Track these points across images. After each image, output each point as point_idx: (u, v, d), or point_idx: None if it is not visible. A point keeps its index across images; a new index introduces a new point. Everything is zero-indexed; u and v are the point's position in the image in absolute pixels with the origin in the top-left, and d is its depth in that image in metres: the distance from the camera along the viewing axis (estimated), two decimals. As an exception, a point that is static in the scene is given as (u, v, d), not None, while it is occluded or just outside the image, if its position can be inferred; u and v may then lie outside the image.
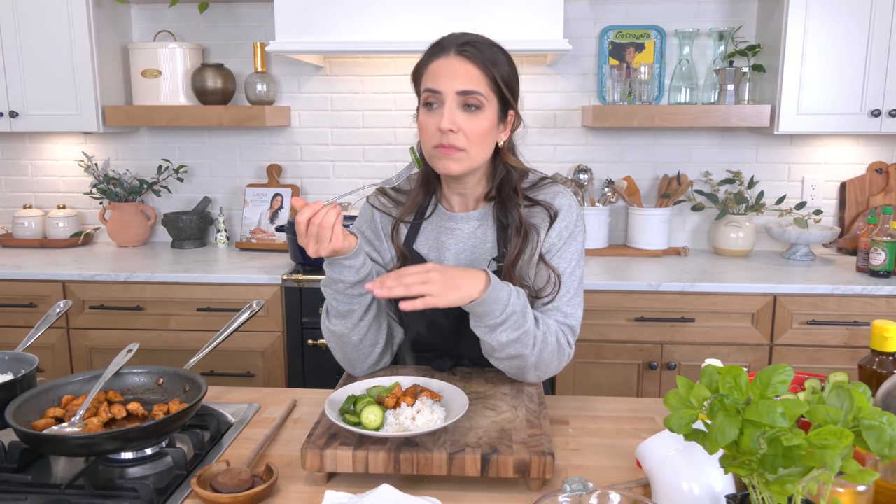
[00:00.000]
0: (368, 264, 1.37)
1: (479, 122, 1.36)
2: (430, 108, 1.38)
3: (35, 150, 3.26)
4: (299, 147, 3.17)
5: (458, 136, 1.35)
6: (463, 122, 1.35)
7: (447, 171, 1.39)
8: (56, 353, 2.70)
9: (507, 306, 1.29)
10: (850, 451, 0.79)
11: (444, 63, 1.36)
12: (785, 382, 0.81)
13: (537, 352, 1.35)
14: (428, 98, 1.38)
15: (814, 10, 2.59)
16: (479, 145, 1.38)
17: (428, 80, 1.38)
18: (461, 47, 1.36)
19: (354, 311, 1.38)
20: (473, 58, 1.35)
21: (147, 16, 3.13)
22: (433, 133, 1.37)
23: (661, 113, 2.72)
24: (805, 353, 2.51)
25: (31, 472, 1.21)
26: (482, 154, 1.40)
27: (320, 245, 1.25)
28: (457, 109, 1.35)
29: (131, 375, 1.40)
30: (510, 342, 1.32)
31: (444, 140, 1.35)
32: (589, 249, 2.94)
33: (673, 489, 0.98)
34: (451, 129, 1.34)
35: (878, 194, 2.96)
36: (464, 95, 1.34)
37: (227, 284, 2.62)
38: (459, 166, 1.38)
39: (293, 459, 1.24)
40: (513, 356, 1.34)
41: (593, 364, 2.57)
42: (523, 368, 1.37)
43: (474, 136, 1.36)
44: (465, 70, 1.35)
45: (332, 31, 2.61)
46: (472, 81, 1.35)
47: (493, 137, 1.41)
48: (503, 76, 1.38)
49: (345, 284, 1.35)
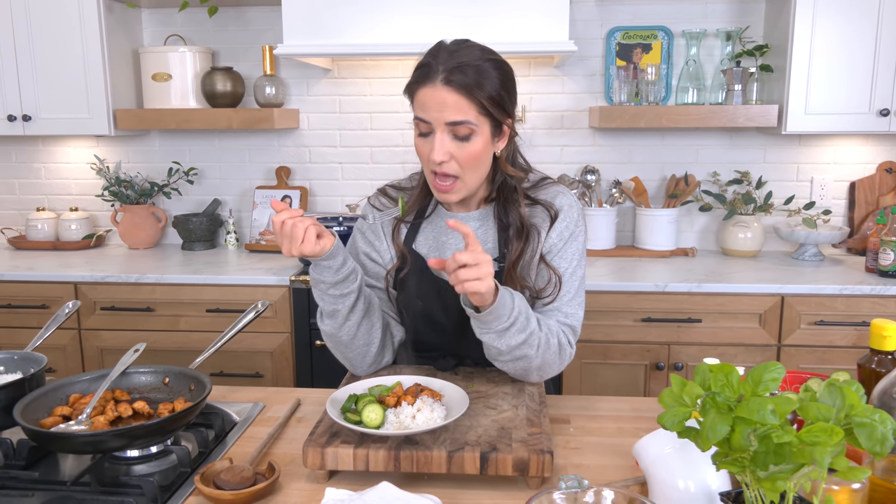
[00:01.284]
0: (349, 265, 1.38)
1: (471, 147, 1.35)
2: (423, 135, 1.39)
3: (48, 153, 3.30)
4: (308, 149, 3.20)
5: (450, 164, 1.36)
6: (454, 149, 1.35)
7: (447, 202, 1.43)
8: (68, 353, 2.74)
9: (513, 309, 1.30)
10: (843, 449, 0.79)
11: (431, 93, 1.33)
12: (776, 380, 0.81)
13: (541, 353, 1.36)
14: (419, 127, 1.39)
15: (821, 9, 2.58)
16: (472, 169, 1.38)
17: (417, 108, 1.38)
18: (447, 76, 1.31)
19: (339, 311, 1.40)
20: (459, 87, 1.31)
21: (158, 20, 3.17)
22: (427, 161, 1.39)
23: (669, 113, 2.72)
24: (813, 354, 2.50)
25: (38, 469, 1.23)
26: (477, 175, 1.41)
27: (292, 245, 1.29)
28: (448, 140, 1.35)
29: (138, 375, 1.42)
30: (519, 345, 1.33)
31: (437, 169, 1.37)
32: (596, 250, 2.95)
33: (669, 487, 0.99)
34: (443, 160, 1.35)
35: (888, 194, 2.94)
36: (453, 126, 1.34)
37: (235, 286, 2.65)
38: (457, 196, 1.41)
39: (296, 457, 1.26)
40: (519, 357, 1.35)
41: (600, 365, 2.57)
42: (527, 369, 1.39)
43: (467, 162, 1.36)
44: (453, 101, 1.32)
45: (339, 33, 2.62)
46: (460, 111, 1.32)
47: (488, 155, 1.41)
48: (492, 96, 1.34)
49: (326, 284, 1.37)
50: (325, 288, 1.38)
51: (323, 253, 1.33)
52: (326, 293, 1.39)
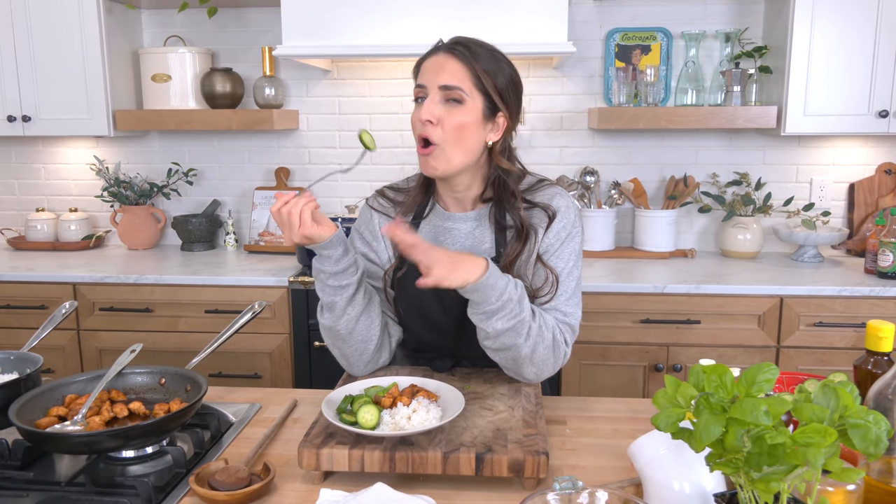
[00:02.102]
0: (350, 257, 1.39)
1: (458, 115, 1.38)
2: (417, 102, 1.42)
3: (47, 153, 3.31)
4: (307, 150, 3.20)
5: (435, 129, 1.38)
6: (442, 114, 1.38)
7: (429, 173, 1.43)
8: (67, 354, 2.74)
9: (503, 294, 1.30)
10: (837, 450, 0.79)
11: (433, 60, 1.41)
12: (770, 381, 0.81)
13: (531, 343, 1.35)
14: (416, 93, 1.42)
15: (820, 10, 2.58)
16: (456, 140, 1.39)
17: (418, 77, 1.43)
18: (452, 46, 1.41)
19: (336, 303, 1.40)
20: (460, 55, 1.39)
21: (157, 21, 3.17)
22: (416, 126, 1.41)
23: (668, 115, 2.72)
24: (812, 355, 2.49)
25: (33, 469, 1.23)
26: (460, 150, 1.40)
27: (291, 231, 1.31)
28: (438, 102, 1.39)
29: (134, 375, 1.42)
30: (505, 331, 1.32)
31: (422, 131, 1.39)
32: (595, 251, 2.95)
33: (663, 488, 0.99)
34: (429, 120, 1.37)
35: (888, 195, 2.94)
36: (445, 90, 1.38)
37: (234, 287, 2.65)
38: (438, 164, 1.41)
39: (291, 458, 1.26)
40: (507, 346, 1.35)
41: (599, 366, 2.57)
42: (518, 360, 1.37)
43: (450, 129, 1.38)
44: (450, 66, 1.38)
45: (339, 34, 2.63)
46: (454, 77, 1.38)
47: (477, 135, 1.41)
48: (492, 77, 1.40)
49: (325, 274, 1.38)
50: (325, 278, 1.39)
51: (321, 239, 1.34)
52: (326, 283, 1.40)
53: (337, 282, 1.39)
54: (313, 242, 1.34)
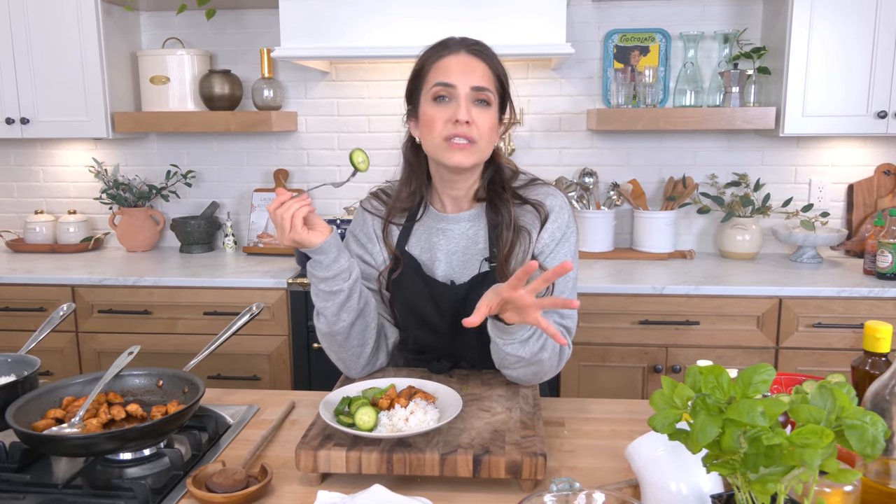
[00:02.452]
0: (342, 264, 1.38)
1: (489, 116, 1.40)
2: (441, 101, 1.40)
3: (46, 156, 3.31)
4: (306, 152, 3.20)
5: (472, 129, 1.38)
6: (476, 115, 1.39)
7: (459, 164, 1.40)
8: (65, 356, 2.74)
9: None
10: (834, 451, 0.79)
11: (456, 59, 1.40)
12: (766, 382, 0.81)
13: (551, 355, 1.36)
14: (440, 92, 1.40)
15: (819, 11, 2.58)
16: (488, 139, 1.41)
17: (440, 75, 1.40)
18: (471, 46, 1.42)
19: (328, 308, 1.40)
20: (484, 57, 1.42)
21: (156, 23, 3.17)
22: (443, 125, 1.39)
23: (666, 116, 2.72)
24: (811, 356, 2.49)
25: (31, 471, 1.22)
26: (489, 149, 1.44)
27: (283, 234, 1.31)
28: (471, 103, 1.39)
29: (132, 377, 1.42)
30: (539, 350, 1.33)
31: (458, 130, 1.37)
32: (594, 252, 2.95)
33: (661, 489, 0.98)
34: (467, 122, 1.37)
35: (886, 196, 2.94)
36: (477, 91, 1.39)
37: (233, 288, 2.65)
38: (471, 159, 1.40)
39: (289, 460, 1.25)
40: (535, 363, 1.35)
41: (598, 367, 2.57)
42: (538, 373, 1.38)
43: (486, 130, 1.40)
44: (479, 67, 1.40)
45: (337, 36, 2.63)
46: (484, 78, 1.40)
47: (497, 135, 1.45)
48: (504, 76, 1.45)
49: (317, 279, 1.38)
50: (317, 283, 1.39)
51: (312, 245, 1.33)
52: (318, 288, 1.40)
53: (328, 287, 1.38)
54: (304, 247, 1.34)
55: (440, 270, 1.49)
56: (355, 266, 1.42)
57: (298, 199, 1.31)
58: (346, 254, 1.40)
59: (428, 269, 1.49)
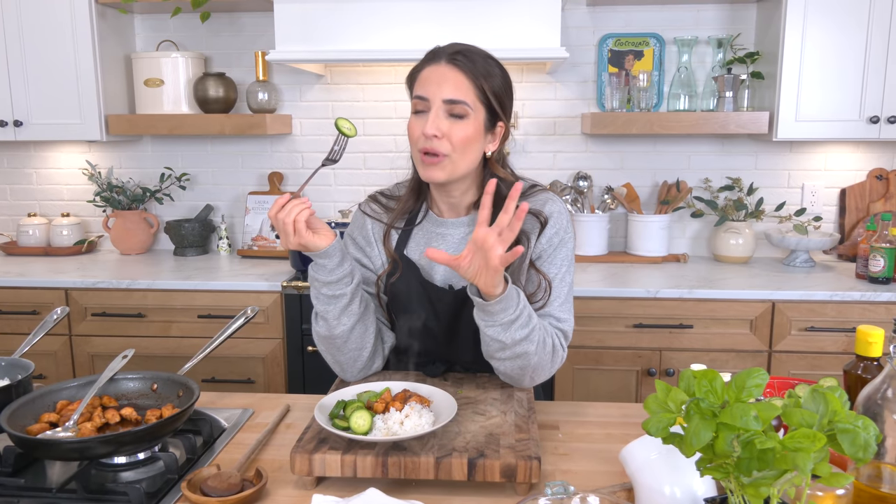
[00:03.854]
0: (345, 268, 1.38)
1: (464, 128, 1.38)
2: (418, 113, 1.40)
3: (39, 158, 3.30)
4: (300, 155, 3.20)
5: (441, 142, 1.37)
6: (447, 128, 1.37)
7: (431, 179, 1.41)
8: (59, 359, 2.73)
9: (519, 302, 1.30)
10: (826, 455, 0.80)
11: (434, 70, 1.39)
12: (759, 386, 0.81)
13: (539, 350, 1.35)
14: (416, 105, 1.40)
15: (812, 17, 2.59)
16: (461, 151, 1.39)
17: (418, 87, 1.41)
18: (452, 56, 1.38)
19: (329, 312, 1.40)
20: (463, 67, 1.37)
21: (150, 26, 3.17)
22: (418, 137, 1.39)
23: (660, 120, 2.73)
24: (804, 360, 2.50)
25: (25, 476, 1.22)
26: (465, 161, 1.41)
27: (287, 238, 1.30)
28: (442, 116, 1.37)
29: (126, 381, 1.42)
30: (522, 339, 1.32)
31: (427, 145, 1.37)
32: (588, 256, 2.95)
33: (655, 493, 0.99)
34: (434, 135, 1.36)
35: (879, 201, 2.96)
36: (449, 104, 1.37)
37: (227, 291, 2.64)
38: (443, 173, 1.40)
39: (284, 464, 1.26)
40: (519, 354, 1.34)
41: (592, 371, 2.57)
42: (524, 369, 1.37)
43: (458, 142, 1.38)
44: (454, 78, 1.37)
45: (332, 39, 2.63)
46: (459, 91, 1.37)
47: (479, 146, 1.42)
48: (493, 88, 1.40)
49: (319, 283, 1.38)
50: (319, 287, 1.39)
51: (317, 248, 1.33)
52: (320, 292, 1.39)
53: (331, 291, 1.38)
54: (309, 250, 1.34)
55: (439, 275, 1.49)
56: (357, 271, 1.43)
57: (298, 202, 1.30)
58: (349, 258, 1.40)
59: (426, 274, 1.50)
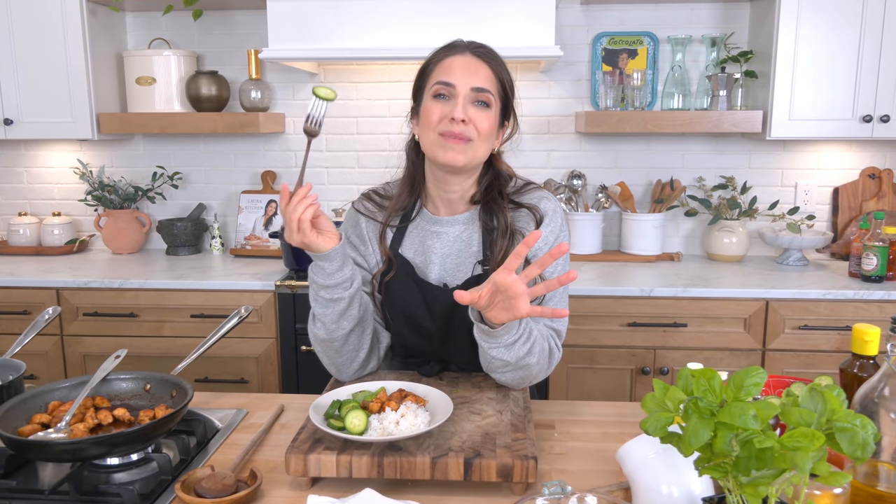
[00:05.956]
0: (345, 273, 1.37)
1: (487, 117, 1.41)
2: (441, 98, 1.41)
3: (30, 157, 3.27)
4: (294, 153, 3.19)
5: (469, 128, 1.39)
6: (473, 115, 1.40)
7: (451, 163, 1.41)
8: (50, 359, 2.71)
9: (521, 320, 1.29)
10: (824, 454, 0.79)
11: (460, 60, 1.42)
12: (758, 385, 0.81)
13: (539, 360, 1.36)
14: (440, 90, 1.41)
15: (805, 16, 2.60)
16: (483, 140, 1.42)
17: (442, 74, 1.42)
18: (476, 49, 1.44)
19: (327, 315, 1.39)
20: (488, 59, 1.43)
21: (142, 24, 3.15)
22: (439, 121, 1.40)
23: (654, 119, 2.73)
24: (798, 358, 2.51)
25: (17, 477, 1.21)
26: (483, 150, 1.44)
27: (292, 234, 1.31)
28: (469, 104, 1.40)
29: (118, 381, 1.40)
30: (525, 355, 1.32)
31: (453, 128, 1.38)
32: (582, 255, 2.95)
33: (652, 492, 0.99)
34: (463, 120, 1.38)
35: (871, 199, 2.97)
36: (476, 92, 1.40)
37: (220, 291, 2.63)
38: (464, 157, 1.41)
39: (279, 464, 1.25)
40: (522, 367, 1.35)
41: (586, 369, 2.57)
42: (525, 378, 1.38)
43: (483, 131, 1.41)
44: (481, 69, 1.42)
45: (325, 37, 2.62)
46: (485, 80, 1.41)
47: (494, 138, 1.46)
48: (510, 84, 1.47)
49: (318, 285, 1.38)
50: (317, 289, 1.38)
51: (320, 250, 1.33)
52: (318, 294, 1.39)
53: (329, 294, 1.38)
54: (311, 250, 1.34)
55: (434, 273, 1.49)
56: (358, 275, 1.42)
57: (304, 197, 1.29)
58: (350, 263, 1.39)
59: (421, 272, 1.49)
